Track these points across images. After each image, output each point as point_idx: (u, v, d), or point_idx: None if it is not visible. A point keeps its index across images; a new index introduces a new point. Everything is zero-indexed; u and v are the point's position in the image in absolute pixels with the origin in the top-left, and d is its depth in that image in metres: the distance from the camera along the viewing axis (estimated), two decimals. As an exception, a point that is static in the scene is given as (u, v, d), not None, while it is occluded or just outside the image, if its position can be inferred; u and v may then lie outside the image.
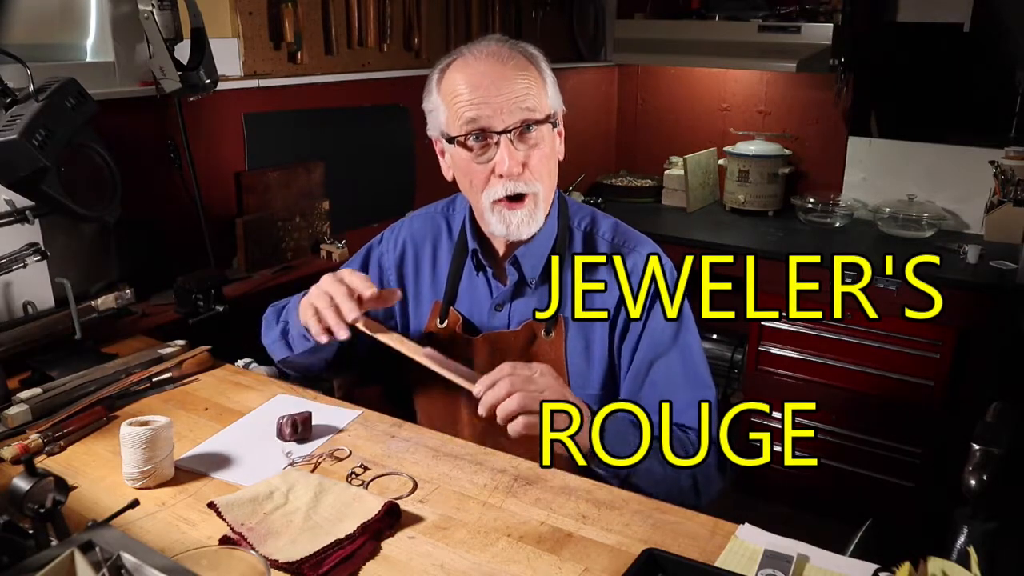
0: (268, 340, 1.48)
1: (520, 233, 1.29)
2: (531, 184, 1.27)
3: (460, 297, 1.41)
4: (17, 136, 1.33)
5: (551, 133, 1.30)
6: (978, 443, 0.93)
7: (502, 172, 1.24)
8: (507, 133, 1.23)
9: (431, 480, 1.17)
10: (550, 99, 1.29)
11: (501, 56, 1.26)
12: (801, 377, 2.69)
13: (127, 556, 0.80)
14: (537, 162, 1.26)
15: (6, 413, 1.30)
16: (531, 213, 1.28)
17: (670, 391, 1.29)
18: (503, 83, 1.23)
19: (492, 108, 1.22)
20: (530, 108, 1.24)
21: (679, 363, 1.31)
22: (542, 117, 1.26)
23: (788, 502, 2.67)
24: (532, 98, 1.24)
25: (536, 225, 1.30)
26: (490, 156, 1.25)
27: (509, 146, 1.23)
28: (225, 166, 2.10)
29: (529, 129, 1.24)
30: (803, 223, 2.99)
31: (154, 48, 1.74)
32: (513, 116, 1.22)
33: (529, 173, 1.26)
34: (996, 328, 2.35)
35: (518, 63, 1.26)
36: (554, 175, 1.32)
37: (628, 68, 3.57)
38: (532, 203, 1.28)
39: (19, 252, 1.51)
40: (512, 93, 1.23)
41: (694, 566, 0.95)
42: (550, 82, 1.30)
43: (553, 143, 1.31)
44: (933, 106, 3.16)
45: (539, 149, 1.26)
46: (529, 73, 1.26)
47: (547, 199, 1.32)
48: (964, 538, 0.89)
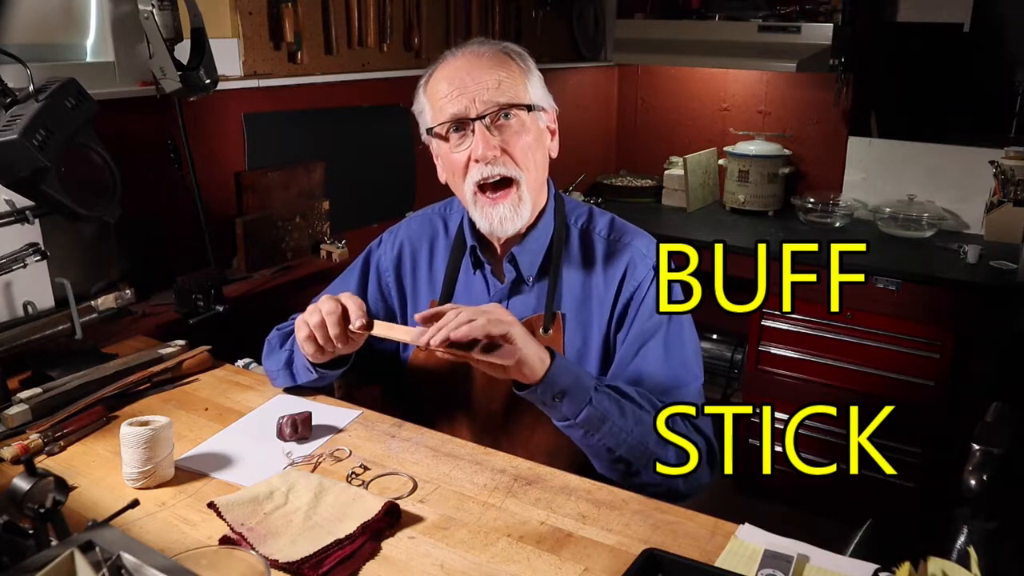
0: (270, 366, 1.46)
1: (504, 229, 1.29)
2: (509, 168, 1.27)
3: (458, 295, 1.41)
4: (17, 136, 1.33)
5: (534, 123, 1.30)
6: (978, 443, 0.93)
7: (476, 156, 1.25)
8: (481, 119, 1.25)
9: (431, 480, 1.17)
10: (531, 91, 1.30)
11: (479, 52, 1.29)
12: (801, 377, 2.69)
13: (127, 556, 0.80)
14: (517, 149, 1.27)
15: (6, 413, 1.30)
16: (514, 206, 1.28)
17: (651, 374, 1.30)
18: (477, 73, 1.26)
19: (467, 98, 1.25)
20: (505, 95, 1.26)
21: (663, 349, 1.31)
22: (521, 103, 1.27)
23: (788, 502, 2.67)
24: (507, 86, 1.26)
25: (521, 221, 1.30)
26: (468, 144, 1.27)
27: (483, 131, 1.25)
28: (225, 166, 2.10)
29: (507, 116, 1.26)
30: (803, 223, 2.99)
31: (154, 48, 1.74)
32: (486, 102, 1.25)
33: (508, 158, 1.26)
34: (996, 328, 2.35)
35: (495, 57, 1.29)
36: (540, 167, 1.32)
37: (628, 68, 3.57)
38: (516, 194, 1.28)
39: (19, 252, 1.51)
40: (485, 82, 1.25)
41: (694, 566, 0.95)
42: (534, 77, 1.32)
43: (538, 133, 1.31)
44: (933, 106, 3.16)
45: (520, 136, 1.27)
46: (506, 66, 1.28)
47: (534, 191, 1.31)
48: (964, 538, 0.90)
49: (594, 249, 1.38)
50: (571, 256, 1.37)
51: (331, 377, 1.40)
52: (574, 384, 1.19)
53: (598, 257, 1.37)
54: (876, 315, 2.51)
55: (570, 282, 1.36)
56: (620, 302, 1.34)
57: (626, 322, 1.34)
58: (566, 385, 1.18)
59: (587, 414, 1.19)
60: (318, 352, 1.27)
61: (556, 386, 1.17)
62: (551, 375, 1.17)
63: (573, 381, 1.19)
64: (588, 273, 1.36)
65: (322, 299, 1.26)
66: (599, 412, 1.19)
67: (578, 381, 1.19)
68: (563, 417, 1.20)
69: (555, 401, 1.18)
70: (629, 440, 1.20)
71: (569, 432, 1.22)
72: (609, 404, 1.20)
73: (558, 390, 1.18)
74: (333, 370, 1.36)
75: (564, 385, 1.18)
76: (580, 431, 1.20)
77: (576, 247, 1.38)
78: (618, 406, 1.21)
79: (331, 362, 1.34)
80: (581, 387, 1.19)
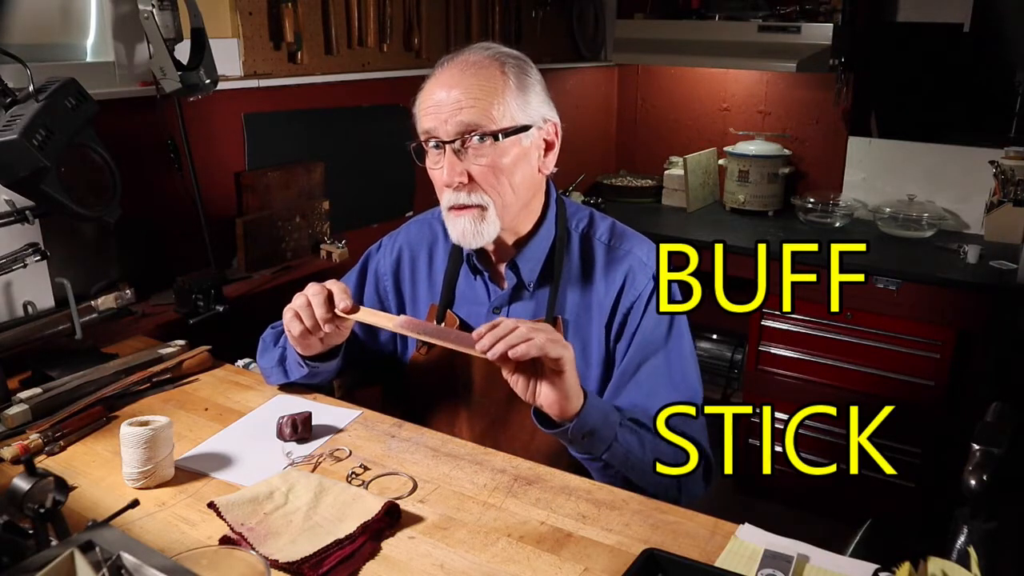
0: (264, 363, 1.47)
1: (468, 242, 1.28)
2: (474, 196, 1.24)
3: (458, 301, 1.41)
4: (17, 136, 1.33)
5: (514, 144, 1.25)
6: (978, 443, 0.93)
7: (443, 182, 1.25)
8: (451, 143, 1.23)
9: (431, 480, 1.17)
10: (518, 111, 1.24)
11: (466, 64, 1.25)
12: (801, 377, 2.69)
13: (127, 556, 0.80)
14: (484, 175, 1.24)
15: (6, 413, 1.30)
16: (476, 222, 1.25)
17: (654, 392, 1.29)
18: (455, 91, 1.22)
19: (440, 118, 1.23)
20: (478, 117, 1.21)
21: (666, 366, 1.31)
22: (494, 128, 1.22)
23: (788, 502, 2.67)
24: (482, 106, 1.21)
25: (484, 238, 1.27)
26: (441, 164, 1.26)
27: (451, 156, 1.23)
28: (225, 166, 2.10)
29: (481, 140, 1.22)
30: (803, 223, 2.99)
31: (154, 48, 1.74)
32: (457, 123, 1.22)
33: (475, 185, 1.24)
34: (996, 328, 2.35)
35: (481, 72, 1.24)
36: (520, 188, 1.28)
37: (628, 68, 3.57)
38: (478, 213, 1.25)
39: (19, 252, 1.51)
40: (460, 103, 1.21)
41: (694, 566, 0.95)
42: (530, 92, 1.27)
43: (519, 154, 1.26)
44: (933, 106, 3.16)
45: (491, 160, 1.23)
46: (490, 82, 1.23)
47: (510, 213, 1.28)
48: (964, 538, 0.89)
49: (594, 255, 1.37)
50: (572, 262, 1.36)
51: (323, 373, 1.40)
52: (602, 422, 1.17)
53: (598, 264, 1.36)
54: (876, 315, 2.51)
55: (570, 288, 1.35)
56: (620, 311, 1.33)
57: (626, 332, 1.33)
58: (596, 424, 1.16)
59: (612, 452, 1.18)
60: (305, 336, 1.26)
61: (587, 425, 1.15)
62: (584, 413, 1.15)
63: (602, 419, 1.17)
64: (588, 280, 1.36)
65: (308, 285, 1.26)
66: (623, 448, 1.19)
67: (606, 419, 1.18)
68: (587, 452, 1.19)
69: (583, 440, 1.17)
70: (642, 468, 1.20)
71: (588, 465, 1.22)
72: (630, 438, 1.20)
73: (588, 429, 1.16)
74: (323, 363, 1.36)
75: (594, 424, 1.16)
76: (599, 464, 1.20)
77: (577, 253, 1.37)
78: (638, 439, 1.21)
79: (321, 356, 1.34)
80: (608, 424, 1.18)
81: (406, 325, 1.22)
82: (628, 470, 1.20)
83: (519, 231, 1.34)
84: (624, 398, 1.30)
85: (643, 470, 1.20)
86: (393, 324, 1.22)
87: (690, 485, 1.25)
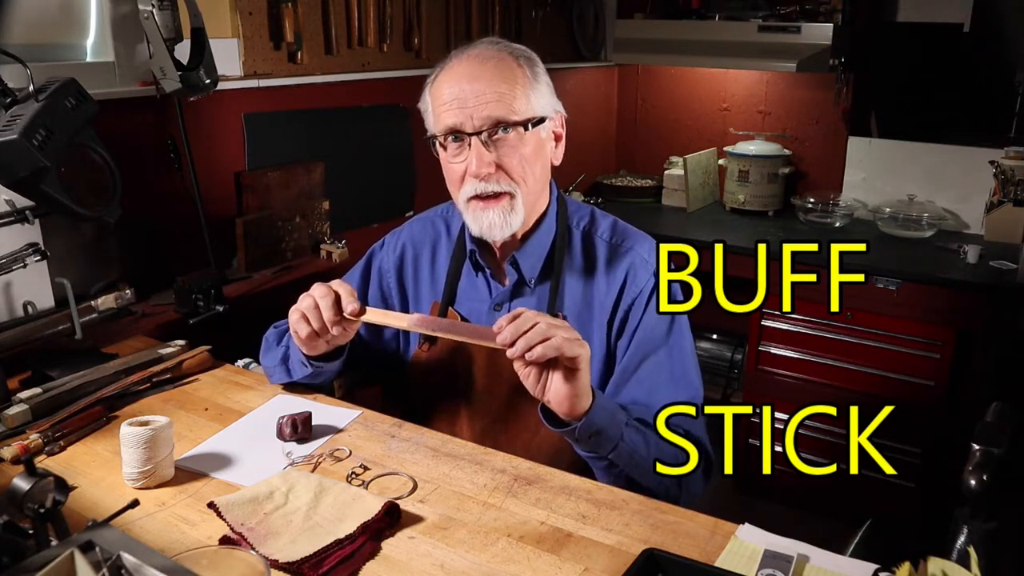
0: (267, 362, 1.47)
1: (492, 234, 1.29)
2: (503, 184, 1.26)
3: (460, 298, 1.41)
4: (17, 136, 1.33)
5: (534, 135, 1.28)
6: (978, 443, 0.93)
7: (471, 173, 1.25)
8: (478, 135, 1.23)
9: (431, 480, 1.17)
10: (536, 102, 1.27)
11: (483, 58, 1.26)
12: (801, 377, 2.69)
13: (127, 556, 0.80)
14: (512, 164, 1.26)
15: (6, 413, 1.30)
16: (505, 214, 1.27)
17: (655, 389, 1.29)
18: (477, 84, 1.24)
19: (465, 112, 1.23)
20: (504, 110, 1.23)
21: (667, 362, 1.31)
22: (518, 119, 1.25)
23: (788, 502, 2.67)
24: (507, 100, 1.24)
25: (511, 228, 1.29)
26: (464, 157, 1.26)
27: (479, 147, 1.24)
28: (225, 166, 2.10)
29: (505, 130, 1.24)
30: (803, 223, 2.99)
31: (154, 48, 1.74)
32: (484, 118, 1.23)
33: (503, 174, 1.25)
34: (996, 328, 2.35)
35: (499, 65, 1.26)
36: (540, 178, 1.31)
37: (628, 68, 3.57)
38: (508, 203, 1.27)
39: (19, 252, 1.51)
40: (485, 96, 1.23)
41: (694, 566, 0.95)
42: (541, 85, 1.29)
43: (538, 144, 1.29)
44: (933, 106, 3.17)
45: (516, 150, 1.25)
46: (510, 75, 1.25)
47: (530, 202, 1.30)
48: (964, 538, 0.89)
49: (596, 253, 1.37)
50: (573, 259, 1.37)
51: (326, 372, 1.40)
52: (610, 422, 1.17)
53: (600, 261, 1.36)
54: (876, 315, 2.51)
55: (572, 285, 1.36)
56: (621, 308, 1.33)
57: (627, 329, 1.33)
58: (603, 423, 1.16)
59: (618, 452, 1.18)
60: (312, 338, 1.25)
61: (595, 424, 1.15)
62: (593, 412, 1.15)
63: (609, 419, 1.17)
64: (590, 277, 1.36)
65: (313, 286, 1.26)
66: (629, 448, 1.19)
67: (613, 419, 1.18)
68: (593, 451, 1.19)
69: (590, 440, 1.17)
70: (647, 467, 1.20)
71: (593, 463, 1.22)
72: (636, 437, 1.20)
73: (595, 429, 1.16)
74: (327, 362, 1.36)
75: (601, 423, 1.16)
76: (604, 463, 1.20)
77: (578, 250, 1.38)
78: (643, 438, 1.21)
79: (325, 355, 1.34)
80: (615, 424, 1.18)
81: (420, 323, 1.22)
82: (632, 469, 1.20)
83: (526, 225, 1.35)
84: (625, 395, 1.30)
85: (647, 469, 1.20)
86: (407, 323, 1.22)
87: (691, 484, 1.26)
